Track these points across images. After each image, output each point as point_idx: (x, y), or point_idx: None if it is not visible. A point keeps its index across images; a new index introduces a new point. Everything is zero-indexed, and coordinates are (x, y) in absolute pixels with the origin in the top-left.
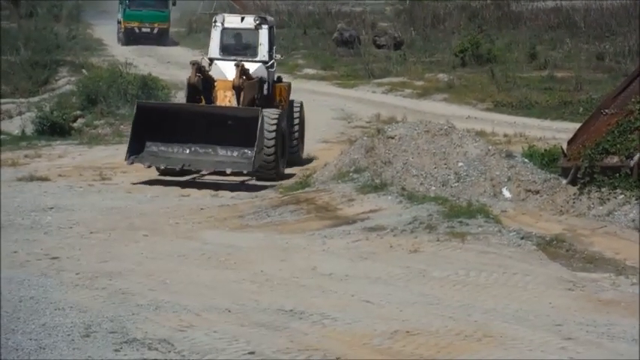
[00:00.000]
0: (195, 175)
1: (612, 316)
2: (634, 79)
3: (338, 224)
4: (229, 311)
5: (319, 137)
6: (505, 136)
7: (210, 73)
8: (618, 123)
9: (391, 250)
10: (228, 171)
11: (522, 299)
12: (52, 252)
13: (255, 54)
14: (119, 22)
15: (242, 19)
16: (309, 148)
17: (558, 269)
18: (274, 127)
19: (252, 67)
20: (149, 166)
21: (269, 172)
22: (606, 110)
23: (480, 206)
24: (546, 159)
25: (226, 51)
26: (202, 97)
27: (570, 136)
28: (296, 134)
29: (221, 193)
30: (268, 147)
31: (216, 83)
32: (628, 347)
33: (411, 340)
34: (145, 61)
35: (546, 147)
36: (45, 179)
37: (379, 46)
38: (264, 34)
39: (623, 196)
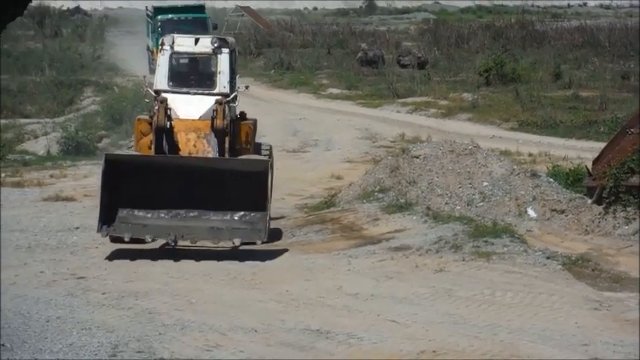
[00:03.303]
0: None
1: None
2: None
3: (363, 244)
4: (255, 331)
5: (344, 157)
6: (530, 155)
7: (156, 109)
8: None
9: (417, 269)
10: (238, 242)
11: (548, 319)
12: (78, 272)
13: (212, 85)
14: (149, 50)
15: (196, 41)
16: (334, 167)
17: (584, 289)
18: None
19: (209, 101)
20: (130, 240)
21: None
22: (631, 129)
23: (505, 226)
24: (571, 178)
25: (176, 81)
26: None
27: (595, 155)
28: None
29: None
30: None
31: (172, 124)
32: None
33: None
34: None
35: (571, 166)
36: (70, 199)
37: (403, 66)
38: (224, 59)
39: None
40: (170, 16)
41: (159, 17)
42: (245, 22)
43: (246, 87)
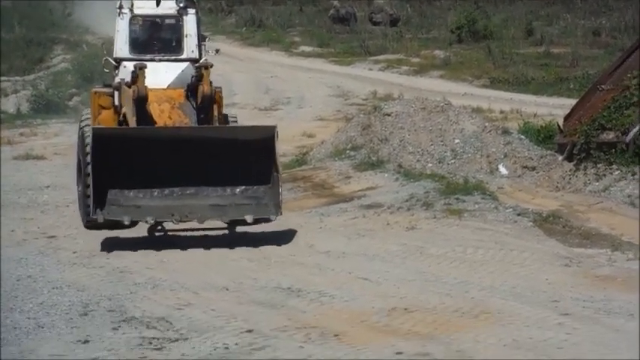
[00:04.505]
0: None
1: (609, 292)
2: (630, 55)
3: (335, 202)
4: (227, 289)
5: (316, 115)
6: (501, 112)
7: (117, 79)
8: (614, 99)
9: (388, 227)
10: (250, 219)
11: (519, 276)
12: (49, 230)
13: (179, 50)
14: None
15: (157, 2)
16: (306, 125)
17: (555, 245)
18: None
19: (176, 68)
20: (130, 224)
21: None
22: (602, 86)
23: (477, 183)
24: (542, 135)
25: (138, 48)
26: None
27: (566, 112)
28: None
29: None
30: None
31: None
32: (624, 322)
33: (408, 317)
34: None
35: (542, 123)
36: (41, 158)
37: (375, 23)
38: (190, 21)
39: (619, 171)
40: None
41: None
42: None
43: (217, 51)
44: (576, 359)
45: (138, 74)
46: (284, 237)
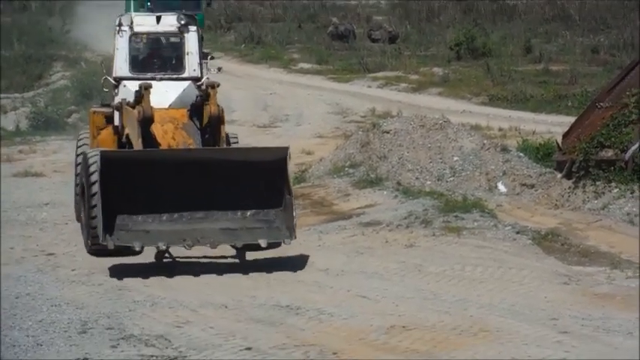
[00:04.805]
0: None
1: (608, 310)
2: (629, 72)
3: (334, 219)
4: (226, 307)
5: (314, 132)
6: (500, 130)
7: (117, 98)
8: (613, 116)
9: (387, 245)
10: (264, 244)
11: (518, 293)
12: (48, 248)
13: (180, 68)
14: None
15: (158, 19)
16: (305, 142)
17: (553, 263)
18: None
19: (178, 87)
20: (140, 250)
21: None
22: (601, 104)
23: (476, 200)
24: (541, 153)
25: (138, 66)
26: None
27: (565, 129)
28: None
29: None
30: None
31: None
32: (623, 340)
33: (407, 335)
34: None
35: (541, 141)
36: (40, 175)
37: (374, 40)
38: (192, 39)
39: (617, 189)
40: None
41: None
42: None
43: (219, 69)
44: None
45: (143, 94)
46: (283, 254)
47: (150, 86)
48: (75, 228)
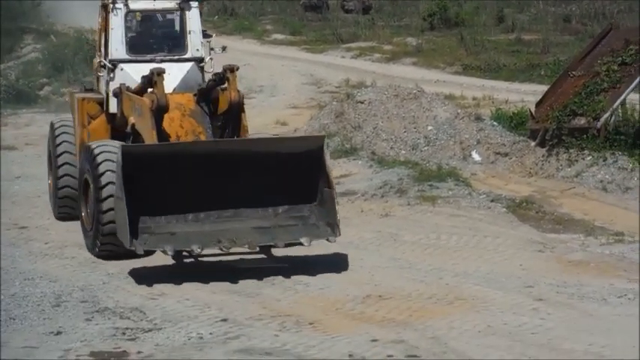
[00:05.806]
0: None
1: (582, 277)
2: (600, 41)
3: None
4: (201, 278)
5: (289, 103)
6: (474, 99)
7: (114, 84)
8: (585, 85)
9: (362, 214)
10: (307, 242)
11: (493, 261)
12: (20, 221)
13: (181, 48)
14: None
15: None
16: (279, 113)
17: (528, 231)
18: None
19: (181, 69)
20: (173, 254)
21: None
22: (573, 72)
23: (450, 169)
24: (515, 122)
25: (136, 47)
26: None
27: (538, 98)
28: None
29: None
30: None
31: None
32: (598, 307)
33: (383, 304)
34: None
35: (514, 109)
36: (12, 148)
37: (347, 11)
38: (193, 16)
39: (590, 157)
40: None
41: None
42: None
43: (224, 48)
44: (550, 344)
45: (156, 80)
46: None
47: (163, 71)
48: (47, 201)
